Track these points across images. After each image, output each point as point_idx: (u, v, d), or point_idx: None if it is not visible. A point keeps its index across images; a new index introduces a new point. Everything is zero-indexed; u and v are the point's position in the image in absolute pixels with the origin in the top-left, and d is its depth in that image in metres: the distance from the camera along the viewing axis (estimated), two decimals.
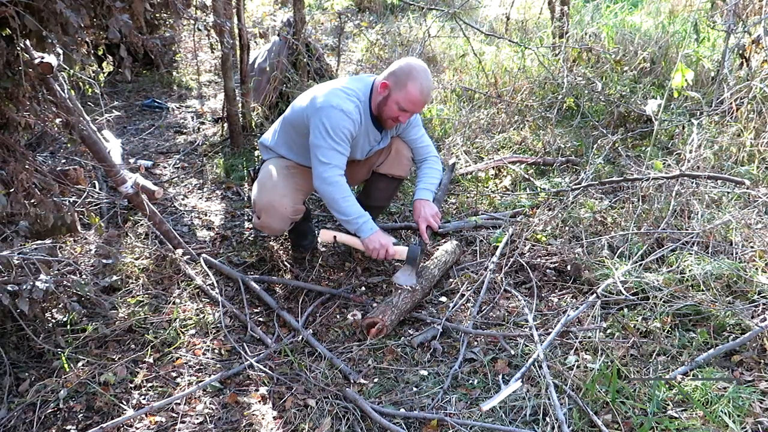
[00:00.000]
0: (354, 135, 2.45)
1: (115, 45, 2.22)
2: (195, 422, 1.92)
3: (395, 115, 2.45)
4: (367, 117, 2.51)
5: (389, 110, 2.44)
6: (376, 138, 2.62)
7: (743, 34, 3.96)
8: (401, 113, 2.44)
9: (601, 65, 4.54)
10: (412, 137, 2.75)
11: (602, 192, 3.37)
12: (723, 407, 1.81)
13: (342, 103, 2.38)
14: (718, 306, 2.28)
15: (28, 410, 1.94)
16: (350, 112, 2.39)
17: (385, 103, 2.44)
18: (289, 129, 2.63)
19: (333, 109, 2.37)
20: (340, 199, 2.43)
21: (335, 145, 2.39)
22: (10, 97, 2.24)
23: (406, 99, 2.40)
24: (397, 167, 2.80)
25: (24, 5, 1.87)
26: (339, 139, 2.39)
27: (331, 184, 2.41)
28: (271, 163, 2.68)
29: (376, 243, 2.47)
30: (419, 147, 2.77)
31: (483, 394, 2.01)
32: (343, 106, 2.38)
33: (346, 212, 2.45)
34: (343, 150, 2.42)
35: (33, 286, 2.00)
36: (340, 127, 2.38)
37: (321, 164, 2.41)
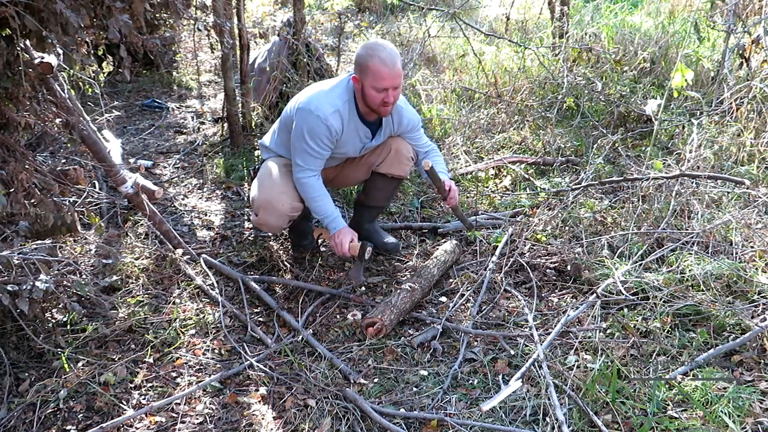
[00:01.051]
0: (334, 138, 2.46)
1: (115, 45, 2.22)
2: (195, 422, 1.92)
3: (379, 99, 2.37)
4: (354, 116, 2.49)
5: (371, 98, 2.39)
6: (367, 135, 2.59)
7: (743, 34, 3.96)
8: (383, 93, 2.36)
9: (601, 65, 4.54)
10: (411, 142, 2.76)
11: (602, 192, 3.37)
12: (723, 407, 1.81)
13: (321, 108, 2.39)
14: (718, 306, 2.28)
15: (28, 410, 1.94)
16: (327, 117, 2.38)
17: (364, 93, 2.39)
18: (284, 129, 2.64)
19: (310, 114, 2.39)
20: (310, 199, 2.53)
21: (309, 150, 2.44)
22: (10, 97, 2.24)
23: (375, 79, 2.33)
24: (397, 167, 2.76)
25: (24, 5, 1.87)
26: (314, 143, 2.43)
27: (303, 186, 2.51)
28: (270, 161, 2.69)
29: (336, 239, 2.52)
30: (419, 145, 2.78)
31: (483, 394, 2.01)
32: (321, 111, 2.38)
33: (317, 211, 2.54)
34: (317, 154, 2.46)
35: (33, 286, 2.00)
36: (316, 132, 2.41)
37: (296, 165, 2.51)
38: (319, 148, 2.44)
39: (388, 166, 2.79)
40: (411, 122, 2.67)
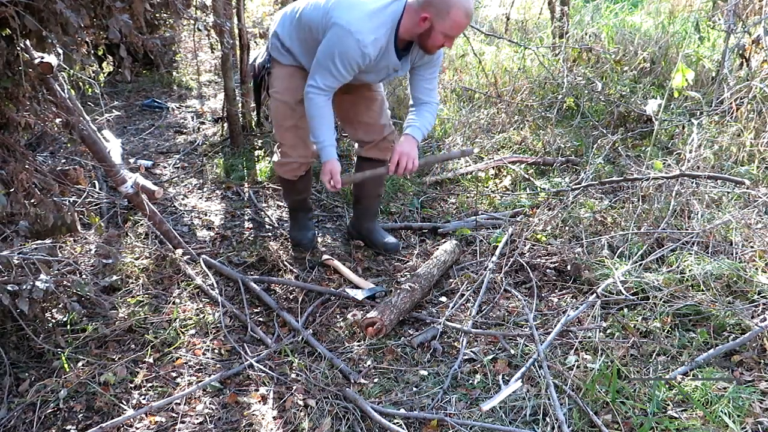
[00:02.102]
0: (364, 66, 2.32)
1: (115, 45, 2.23)
2: (195, 422, 1.92)
3: (440, 43, 2.29)
4: (391, 46, 2.33)
5: (434, 40, 2.27)
6: (395, 66, 2.42)
7: (743, 34, 3.96)
8: (447, 40, 2.28)
9: (601, 65, 4.54)
10: (423, 74, 2.52)
11: (602, 192, 3.37)
12: (723, 407, 1.81)
13: (362, 33, 2.21)
14: (718, 306, 2.28)
15: (28, 410, 1.94)
16: (366, 45, 2.22)
17: (429, 35, 2.26)
18: (306, 30, 2.43)
19: (350, 36, 2.21)
20: (312, 117, 2.38)
21: (333, 71, 2.29)
22: (10, 97, 2.24)
23: (452, 27, 2.22)
24: (381, 152, 2.75)
25: (24, 5, 1.87)
26: (343, 67, 2.27)
27: (310, 101, 2.35)
28: (281, 94, 2.58)
29: (326, 169, 2.42)
30: (426, 87, 2.55)
31: (483, 394, 2.01)
32: (362, 36, 2.21)
33: (314, 132, 2.41)
34: (340, 77, 2.32)
35: (33, 286, 2.00)
36: (349, 57, 2.24)
37: (312, 79, 2.34)
38: (346, 72, 2.30)
39: (375, 149, 2.75)
40: (434, 56, 2.47)
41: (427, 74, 2.52)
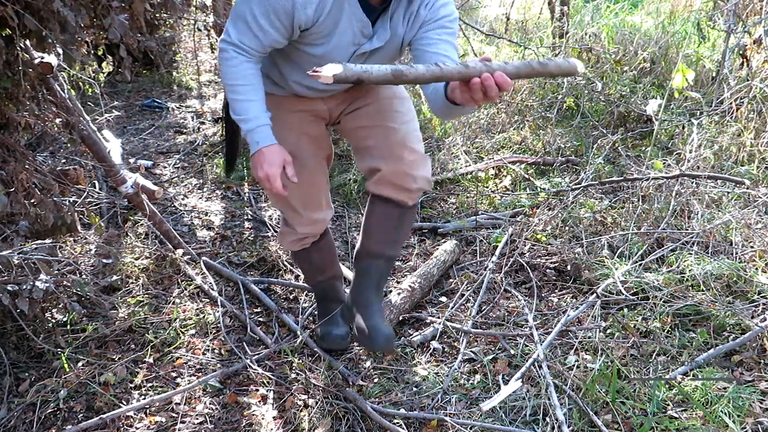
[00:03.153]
0: (300, 23, 1.56)
1: (115, 45, 2.23)
2: (195, 422, 1.92)
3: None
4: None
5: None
6: (365, 29, 1.62)
7: (743, 34, 3.96)
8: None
9: (601, 65, 4.54)
10: (432, 45, 1.63)
11: (602, 192, 3.37)
12: (723, 407, 1.81)
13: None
14: (718, 306, 2.28)
15: (28, 410, 1.94)
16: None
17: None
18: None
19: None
20: (228, 83, 1.65)
21: (252, 23, 1.57)
22: (10, 97, 2.24)
23: None
24: (397, 181, 1.85)
25: (23, 5, 1.87)
26: (263, 16, 1.55)
27: (225, 60, 1.63)
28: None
29: (259, 160, 1.64)
30: (442, 60, 1.54)
31: (483, 394, 2.01)
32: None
33: (235, 106, 1.66)
34: (262, 35, 1.58)
35: (33, 286, 2.00)
36: (272, 2, 1.53)
37: (225, 33, 1.64)
38: (270, 26, 1.56)
39: (388, 184, 1.88)
40: (441, 11, 1.64)
41: (440, 44, 1.62)
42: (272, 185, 1.63)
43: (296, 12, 1.52)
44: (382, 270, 2.03)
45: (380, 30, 1.64)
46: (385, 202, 1.90)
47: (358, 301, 2.01)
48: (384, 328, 1.93)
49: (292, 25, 1.56)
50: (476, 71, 1.19)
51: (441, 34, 1.62)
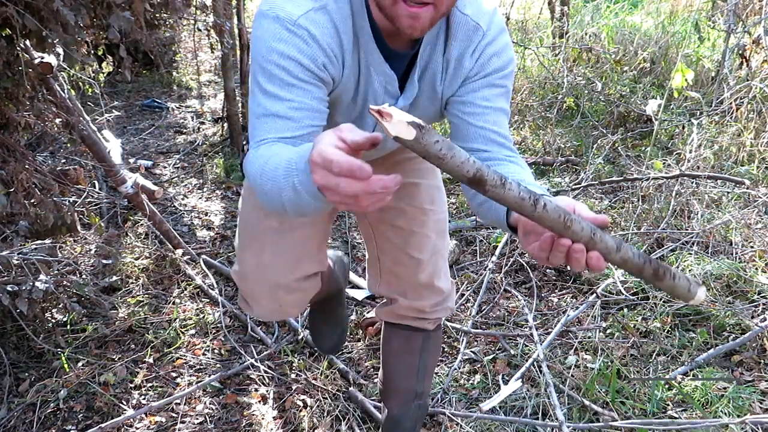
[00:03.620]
0: (322, 65, 1.08)
1: (115, 45, 2.23)
2: (195, 422, 1.92)
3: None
4: (367, 35, 1.11)
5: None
6: (390, 84, 1.18)
7: (743, 34, 3.96)
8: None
9: (601, 65, 4.54)
10: (478, 109, 1.19)
11: (602, 192, 3.37)
12: (723, 407, 1.81)
13: (284, 7, 1.05)
14: (718, 306, 2.28)
15: (28, 410, 1.94)
16: (296, 17, 1.04)
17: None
18: None
19: (266, 16, 1.07)
20: (262, 186, 0.99)
21: (263, 95, 1.07)
22: (10, 97, 2.24)
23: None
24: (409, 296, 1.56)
25: (24, 5, 1.87)
26: (271, 77, 1.06)
27: (249, 163, 1.06)
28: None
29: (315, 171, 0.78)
30: (493, 133, 1.19)
31: (483, 394, 2.01)
32: (287, 10, 1.05)
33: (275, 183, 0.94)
34: (283, 101, 1.06)
35: (33, 287, 2.00)
36: (277, 51, 1.04)
37: (251, 136, 1.10)
38: (288, 85, 1.05)
39: (401, 312, 1.60)
40: (493, 62, 1.18)
41: (488, 114, 1.19)
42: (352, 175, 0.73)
43: (309, 45, 1.06)
44: (416, 413, 1.70)
45: (408, 86, 1.19)
46: (402, 328, 1.64)
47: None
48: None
49: (320, 68, 1.08)
50: (575, 234, 0.82)
51: (490, 96, 1.19)
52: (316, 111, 1.09)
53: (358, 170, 0.72)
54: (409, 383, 1.66)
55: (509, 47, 1.20)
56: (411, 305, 1.56)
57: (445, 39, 1.16)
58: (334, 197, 0.76)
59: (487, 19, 1.16)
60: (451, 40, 1.16)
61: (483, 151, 1.19)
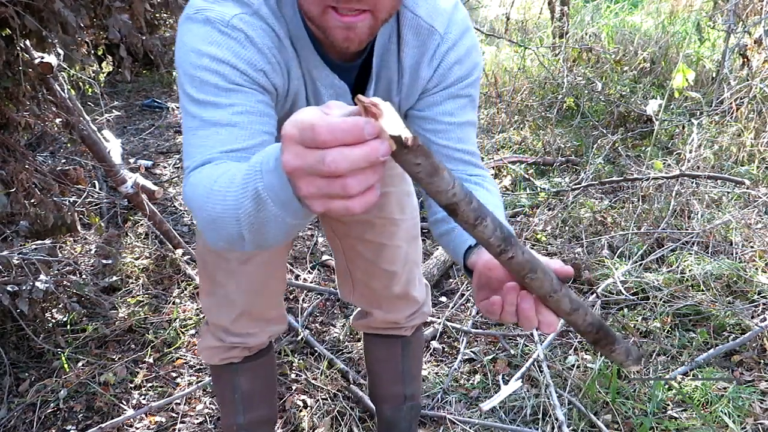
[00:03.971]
0: (262, 76, 0.93)
1: (115, 45, 2.23)
2: (195, 422, 1.92)
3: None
4: (305, 43, 0.97)
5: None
6: (344, 100, 1.03)
7: (743, 34, 3.96)
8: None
9: (601, 65, 4.54)
10: (441, 123, 1.07)
11: (602, 192, 3.37)
12: (723, 407, 1.81)
13: (212, 7, 0.91)
14: (718, 306, 2.28)
15: (28, 410, 1.94)
16: (229, 17, 0.90)
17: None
18: None
19: (193, 20, 0.92)
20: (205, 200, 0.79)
21: (197, 106, 0.90)
22: (10, 97, 2.24)
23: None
24: (384, 304, 1.50)
25: (24, 5, 1.87)
26: (205, 81, 0.89)
27: (188, 190, 0.86)
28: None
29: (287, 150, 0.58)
30: (457, 149, 1.09)
31: (483, 394, 2.01)
32: (214, 10, 0.91)
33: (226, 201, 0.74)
34: (220, 103, 0.89)
35: (33, 287, 2.00)
36: (203, 57, 0.89)
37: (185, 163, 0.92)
38: (225, 90, 0.89)
39: (378, 324, 1.56)
40: (455, 70, 1.04)
41: (451, 131, 1.07)
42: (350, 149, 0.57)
43: (243, 46, 0.91)
44: (409, 414, 1.68)
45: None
46: (381, 337, 1.60)
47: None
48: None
49: (258, 70, 0.93)
50: (534, 289, 0.80)
51: (454, 110, 1.05)
52: (266, 115, 0.91)
53: (357, 128, 0.53)
54: (396, 388, 1.64)
55: (474, 50, 1.05)
56: (386, 318, 1.51)
57: (397, 44, 1.01)
58: (311, 188, 0.57)
59: (444, 21, 1.00)
60: (404, 46, 1.01)
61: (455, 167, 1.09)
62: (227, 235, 0.77)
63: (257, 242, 0.76)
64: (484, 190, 1.08)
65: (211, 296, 1.36)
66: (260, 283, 1.34)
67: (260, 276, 1.33)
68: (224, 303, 1.35)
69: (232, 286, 1.32)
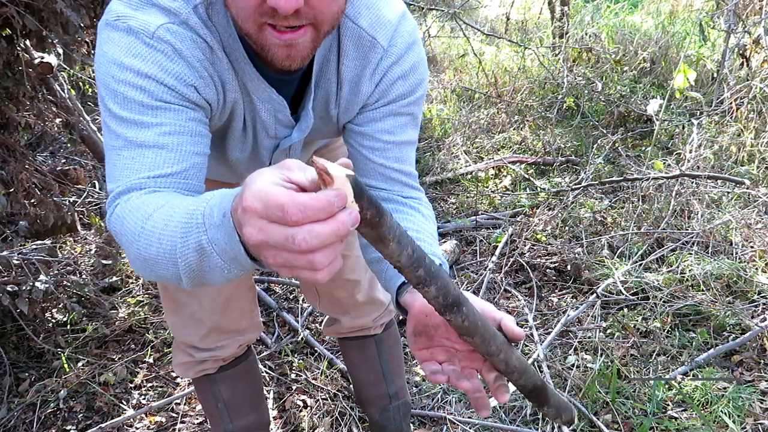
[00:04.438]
0: (192, 92, 0.86)
1: None
2: (195, 422, 1.92)
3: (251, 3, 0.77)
4: (240, 55, 0.91)
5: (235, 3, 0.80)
6: (280, 113, 0.99)
7: (743, 34, 3.96)
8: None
9: (601, 65, 4.55)
10: (379, 162, 1.03)
11: (602, 192, 3.37)
12: (723, 407, 1.81)
13: (133, 15, 0.83)
14: (718, 306, 2.28)
15: (28, 410, 1.94)
16: (153, 27, 0.82)
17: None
18: None
19: (112, 30, 0.83)
20: (137, 235, 0.74)
21: (120, 125, 0.82)
22: (10, 97, 2.24)
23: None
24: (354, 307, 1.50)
25: (24, 5, 1.87)
26: (128, 98, 0.82)
27: (118, 222, 0.79)
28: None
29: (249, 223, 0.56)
30: (390, 168, 1.04)
31: None
32: (137, 18, 0.82)
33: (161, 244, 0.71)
34: (147, 122, 0.82)
35: (33, 287, 2.00)
36: (126, 71, 0.82)
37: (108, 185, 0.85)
38: (152, 108, 0.82)
39: (346, 329, 1.56)
40: (398, 86, 0.99)
41: (389, 150, 1.03)
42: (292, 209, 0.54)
43: (167, 57, 0.84)
44: (398, 414, 1.66)
45: (302, 115, 1.00)
46: (353, 339, 1.60)
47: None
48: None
49: (187, 84, 0.87)
50: (477, 346, 0.77)
51: (393, 128, 1.01)
52: (197, 135, 0.85)
53: (329, 205, 0.52)
54: (380, 389, 1.62)
55: (420, 66, 0.99)
56: (354, 324, 1.52)
57: (337, 55, 0.95)
58: (279, 259, 0.55)
59: (387, 33, 0.94)
60: (343, 57, 0.95)
61: (381, 189, 1.03)
62: (162, 275, 0.73)
63: (197, 285, 0.72)
64: (417, 212, 1.03)
65: (177, 315, 1.33)
66: (225, 299, 1.30)
67: (224, 292, 1.28)
68: (191, 323, 1.31)
69: (195, 305, 1.28)
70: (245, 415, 1.50)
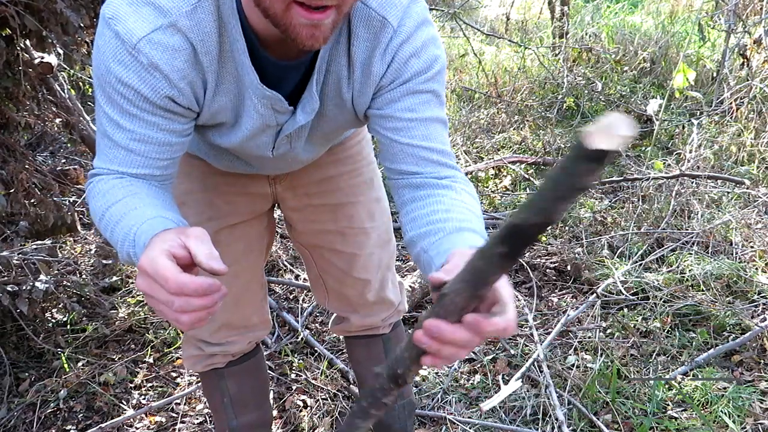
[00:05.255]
0: (167, 102, 0.90)
1: None
2: (195, 422, 1.92)
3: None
4: (239, 49, 0.90)
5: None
6: (278, 106, 0.97)
7: (743, 34, 3.96)
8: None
9: (601, 65, 4.55)
10: (407, 141, 0.98)
11: (602, 192, 3.37)
12: (723, 407, 1.81)
13: (125, 19, 0.84)
14: (718, 306, 2.28)
15: (28, 410, 1.94)
16: (135, 43, 0.84)
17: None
18: None
19: (105, 27, 0.86)
20: (101, 215, 0.90)
21: (105, 118, 0.91)
22: (10, 97, 2.24)
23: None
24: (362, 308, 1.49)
25: (24, 5, 1.87)
26: (108, 102, 0.90)
27: (89, 193, 0.94)
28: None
29: (141, 276, 0.74)
30: (424, 148, 0.99)
31: (483, 394, 2.01)
32: (126, 25, 0.84)
33: (111, 237, 0.88)
34: (122, 125, 0.90)
35: (33, 287, 2.00)
36: (110, 75, 0.87)
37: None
38: (128, 114, 0.89)
39: (355, 328, 1.54)
40: (412, 64, 0.96)
41: (415, 128, 0.98)
42: (165, 307, 0.72)
43: (149, 73, 0.87)
44: (402, 414, 1.64)
45: (305, 98, 0.99)
46: (360, 338, 1.58)
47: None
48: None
49: (165, 96, 0.90)
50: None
51: (415, 106, 0.98)
52: (166, 145, 0.93)
53: (201, 288, 0.70)
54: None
55: (433, 43, 0.98)
56: (362, 323, 1.51)
57: (348, 37, 0.95)
58: (154, 304, 0.73)
59: (397, 12, 0.94)
60: (354, 39, 0.95)
61: (414, 174, 0.99)
62: (112, 245, 0.90)
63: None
64: (453, 191, 0.99)
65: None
66: (236, 295, 1.31)
67: (235, 289, 1.29)
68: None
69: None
70: (250, 412, 1.51)
